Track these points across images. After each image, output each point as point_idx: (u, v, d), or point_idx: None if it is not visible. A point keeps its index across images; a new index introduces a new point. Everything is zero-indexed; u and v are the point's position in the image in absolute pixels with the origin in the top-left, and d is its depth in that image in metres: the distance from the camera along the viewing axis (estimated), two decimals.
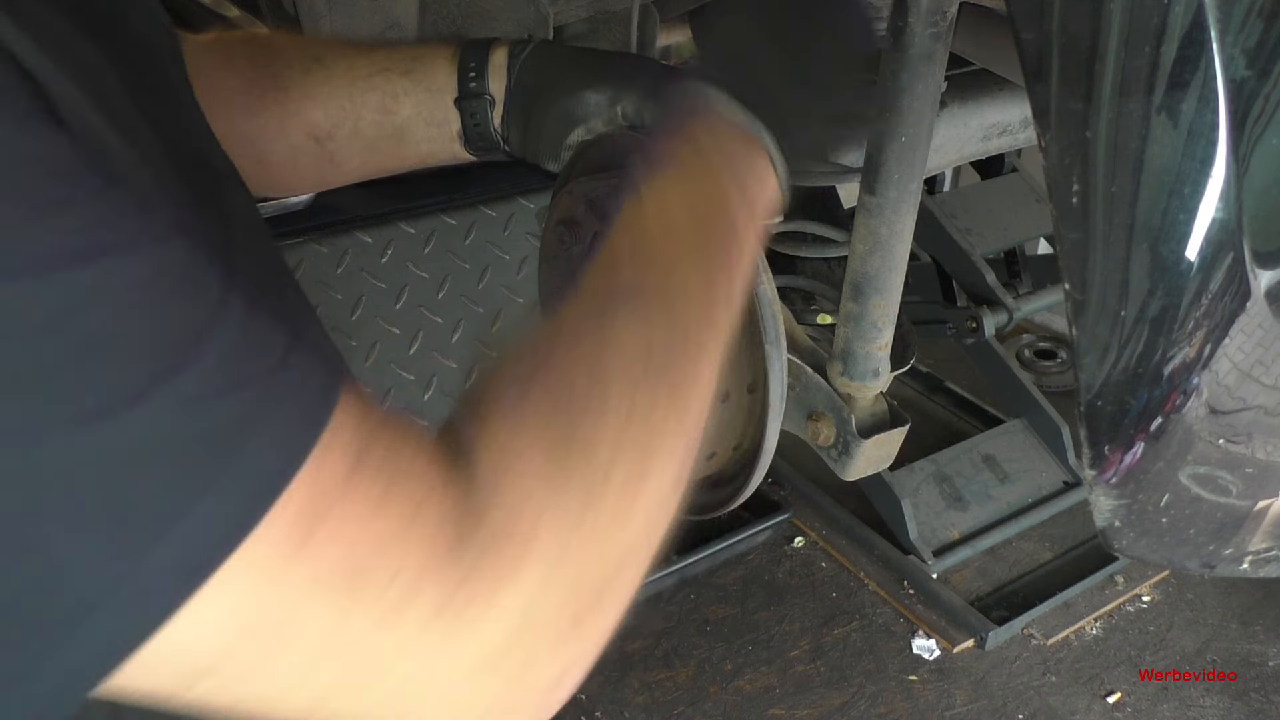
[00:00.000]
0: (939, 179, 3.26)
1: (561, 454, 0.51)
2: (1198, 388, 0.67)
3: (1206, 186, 0.60)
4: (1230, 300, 0.64)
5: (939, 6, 0.77)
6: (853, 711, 2.25)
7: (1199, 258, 0.62)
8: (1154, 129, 0.59)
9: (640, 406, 0.56)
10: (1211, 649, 2.41)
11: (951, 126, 1.14)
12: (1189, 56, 0.57)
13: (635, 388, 0.56)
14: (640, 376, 0.57)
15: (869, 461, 0.94)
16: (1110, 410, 0.68)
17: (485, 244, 1.98)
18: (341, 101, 0.91)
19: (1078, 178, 0.61)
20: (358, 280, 1.87)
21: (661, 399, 0.57)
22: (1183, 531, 0.77)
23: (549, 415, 0.53)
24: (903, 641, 2.43)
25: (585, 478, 0.52)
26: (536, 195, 2.04)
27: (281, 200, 1.91)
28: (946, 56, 0.81)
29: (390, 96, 0.91)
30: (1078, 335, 0.66)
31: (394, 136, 0.93)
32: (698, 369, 0.61)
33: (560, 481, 0.51)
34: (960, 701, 2.28)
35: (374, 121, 0.92)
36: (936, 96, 0.82)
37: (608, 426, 0.54)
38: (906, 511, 2.57)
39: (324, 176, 0.97)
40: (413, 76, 0.91)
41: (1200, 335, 0.65)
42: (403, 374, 1.87)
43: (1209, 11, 0.56)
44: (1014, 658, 2.39)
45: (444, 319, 1.92)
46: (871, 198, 0.86)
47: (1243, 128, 0.59)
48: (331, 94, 0.91)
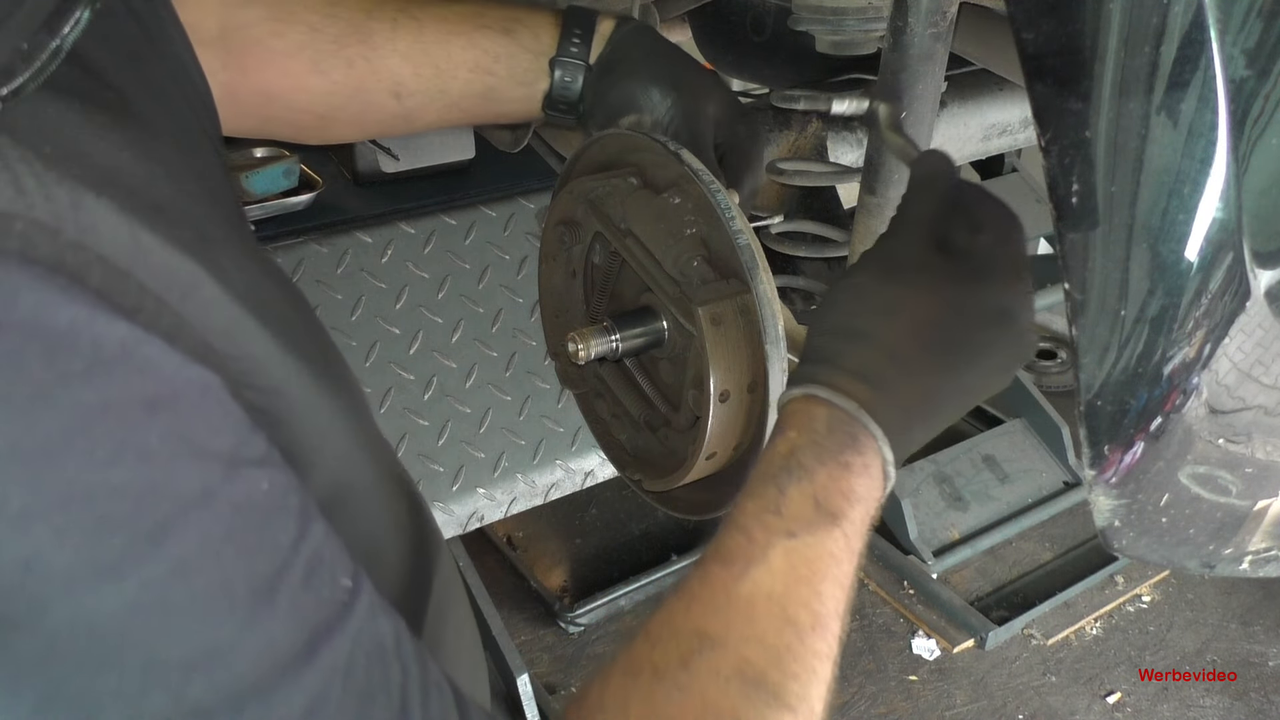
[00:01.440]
0: None
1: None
2: (1198, 387, 0.67)
3: (1206, 186, 0.60)
4: (1230, 300, 0.64)
5: (939, 6, 0.77)
6: (853, 711, 2.25)
7: (1199, 258, 0.62)
8: (1154, 129, 0.59)
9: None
10: (1211, 649, 2.41)
11: (951, 126, 1.14)
12: (1189, 56, 0.57)
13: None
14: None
15: None
16: (1110, 410, 0.67)
17: (485, 244, 1.98)
18: (435, 59, 0.88)
19: (1078, 178, 0.61)
20: (358, 280, 1.87)
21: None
22: (1182, 531, 0.77)
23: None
24: (903, 641, 2.43)
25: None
26: (536, 195, 2.04)
27: (282, 200, 1.91)
28: (946, 56, 0.81)
29: (490, 56, 0.89)
30: (1078, 335, 0.66)
31: (481, 95, 0.91)
32: None
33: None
34: (960, 701, 2.28)
35: (466, 79, 0.89)
36: (936, 96, 0.82)
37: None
38: (906, 511, 2.57)
39: (390, 129, 0.95)
40: (513, 36, 0.89)
41: (1200, 335, 0.65)
42: (403, 374, 1.87)
43: (1209, 11, 0.56)
44: (1014, 658, 2.39)
45: (444, 319, 1.92)
46: (871, 198, 0.86)
47: (1243, 128, 0.59)
48: (425, 50, 0.88)
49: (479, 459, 1.91)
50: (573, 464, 1.99)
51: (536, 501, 1.97)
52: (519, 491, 1.95)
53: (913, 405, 0.66)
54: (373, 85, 0.89)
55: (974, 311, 0.67)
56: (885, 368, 0.65)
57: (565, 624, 2.46)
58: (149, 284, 0.46)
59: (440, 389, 1.90)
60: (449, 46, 0.88)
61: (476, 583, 2.25)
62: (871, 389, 0.64)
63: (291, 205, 1.94)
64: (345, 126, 0.93)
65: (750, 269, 0.76)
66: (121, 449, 0.42)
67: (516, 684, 2.16)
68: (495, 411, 1.93)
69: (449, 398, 1.90)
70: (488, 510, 1.92)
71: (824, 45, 0.99)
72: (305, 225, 1.90)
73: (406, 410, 1.86)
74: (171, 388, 0.45)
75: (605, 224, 0.86)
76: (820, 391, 0.64)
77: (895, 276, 0.67)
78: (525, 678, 2.16)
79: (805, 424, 0.64)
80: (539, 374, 1.98)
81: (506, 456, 1.93)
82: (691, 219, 0.81)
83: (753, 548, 0.60)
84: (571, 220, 0.91)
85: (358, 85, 0.88)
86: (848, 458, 0.63)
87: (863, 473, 0.63)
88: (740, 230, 0.77)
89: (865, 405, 0.63)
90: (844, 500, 0.62)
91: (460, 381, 1.92)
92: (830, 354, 0.66)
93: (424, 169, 2.08)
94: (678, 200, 0.81)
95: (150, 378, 0.44)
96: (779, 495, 0.62)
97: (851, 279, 0.69)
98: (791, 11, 0.97)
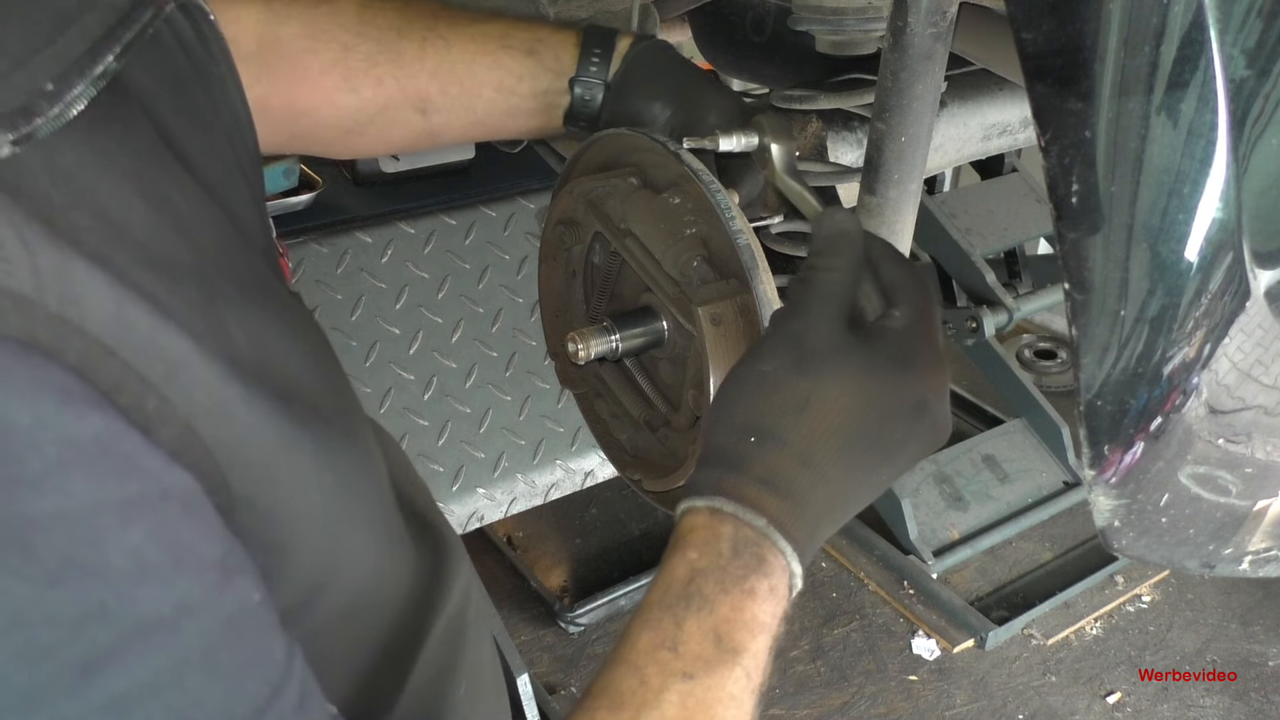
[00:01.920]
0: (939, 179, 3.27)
1: None
2: (1197, 387, 0.67)
3: (1206, 186, 0.60)
4: (1230, 300, 0.64)
5: (939, 6, 0.77)
6: (853, 711, 2.25)
7: (1199, 258, 0.62)
8: (1154, 129, 0.59)
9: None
10: (1211, 649, 2.41)
11: (951, 126, 1.14)
12: (1189, 56, 0.57)
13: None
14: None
15: None
16: (1110, 410, 0.67)
17: (485, 244, 1.98)
18: (461, 78, 0.90)
19: (1078, 178, 0.61)
20: (358, 280, 1.87)
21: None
22: (1182, 531, 0.77)
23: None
24: (903, 641, 2.43)
25: None
26: (536, 195, 2.04)
27: (282, 200, 1.91)
28: (946, 56, 0.81)
29: (514, 76, 0.90)
30: (1078, 335, 0.66)
31: (505, 113, 0.92)
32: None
33: None
34: (960, 701, 2.28)
35: (490, 99, 0.91)
36: (936, 96, 0.82)
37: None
38: (906, 511, 2.57)
39: (415, 145, 0.96)
40: (536, 57, 0.91)
41: (1200, 335, 0.65)
42: (403, 374, 1.87)
43: (1209, 11, 0.56)
44: (1014, 658, 2.39)
45: (444, 319, 1.92)
46: (871, 198, 0.86)
47: (1243, 128, 0.59)
48: (452, 68, 0.89)
49: (479, 459, 1.91)
50: (573, 464, 1.99)
51: (536, 501, 1.97)
52: (519, 491, 1.95)
53: (824, 512, 0.62)
54: (400, 102, 0.90)
55: (890, 407, 0.63)
56: (797, 474, 0.61)
57: (565, 624, 2.46)
58: (133, 361, 0.43)
59: (440, 389, 1.90)
60: (474, 66, 0.90)
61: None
62: (781, 499, 0.60)
63: (291, 205, 1.94)
64: (371, 141, 0.94)
65: (750, 269, 0.76)
66: (65, 564, 0.38)
67: (517, 684, 2.16)
68: (495, 411, 1.94)
69: (449, 398, 1.90)
70: (488, 510, 1.92)
71: (824, 45, 0.99)
72: (305, 225, 1.90)
73: (406, 410, 1.86)
74: (156, 489, 0.42)
75: (605, 224, 0.86)
76: (726, 505, 0.60)
77: (806, 368, 0.63)
78: (525, 678, 2.16)
79: (708, 544, 0.59)
80: (539, 374, 1.98)
81: (506, 456, 1.93)
82: (691, 219, 0.81)
83: (646, 692, 0.55)
84: (571, 220, 0.91)
85: (385, 102, 0.89)
86: (753, 583, 0.59)
87: (768, 598, 0.59)
88: (740, 230, 0.77)
89: (775, 521, 0.59)
90: (747, 633, 0.58)
91: (460, 381, 1.92)
92: (736, 458, 0.62)
93: (424, 169, 2.08)
94: (678, 200, 0.81)
95: (129, 479, 0.41)
96: (676, 629, 0.57)
97: (758, 366, 0.64)
98: (791, 11, 0.97)
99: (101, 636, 0.39)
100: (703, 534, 0.60)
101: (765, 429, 0.62)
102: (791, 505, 0.60)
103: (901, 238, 0.87)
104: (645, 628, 0.58)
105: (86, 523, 0.39)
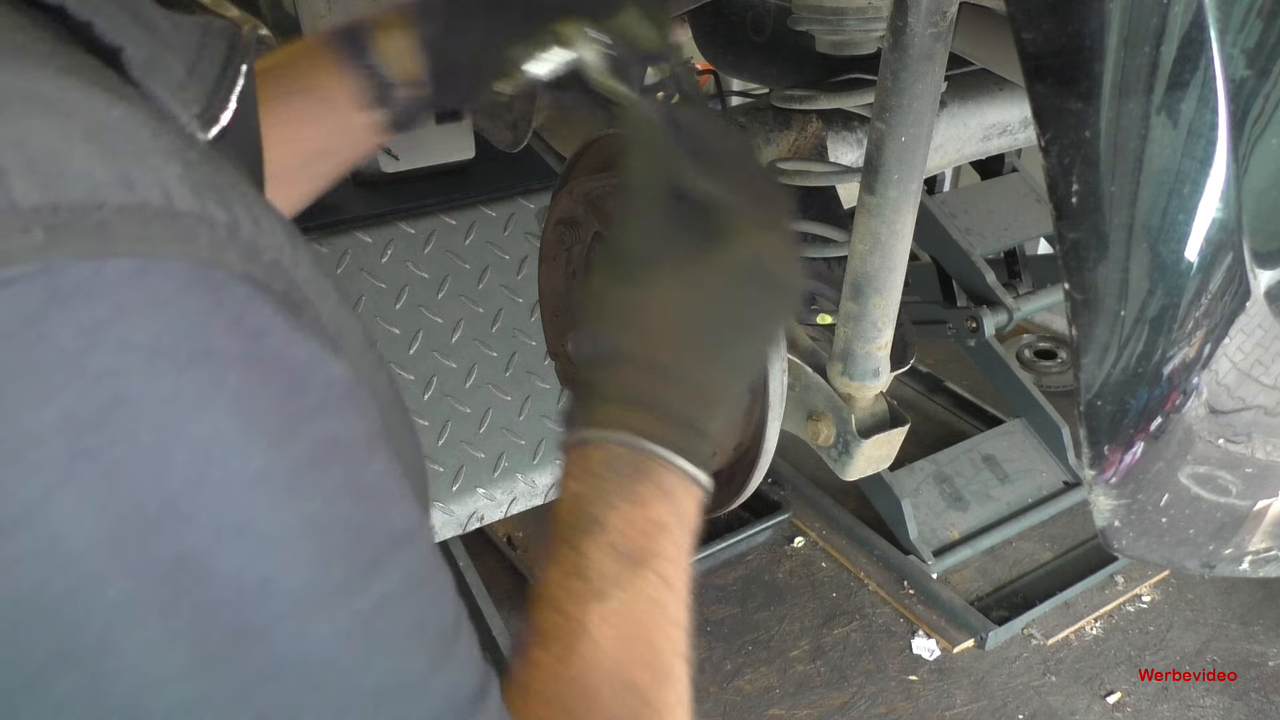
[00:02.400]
0: (939, 179, 3.27)
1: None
2: (1197, 387, 0.67)
3: (1206, 186, 0.60)
4: (1230, 300, 0.64)
5: (939, 6, 0.77)
6: (853, 711, 2.25)
7: (1199, 258, 0.62)
8: (1154, 129, 0.59)
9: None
10: (1211, 649, 2.41)
11: (951, 126, 1.14)
12: (1189, 56, 0.57)
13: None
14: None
15: (869, 461, 0.94)
16: (1110, 410, 0.67)
17: (485, 244, 1.98)
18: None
19: (1078, 178, 0.61)
20: (358, 280, 1.87)
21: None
22: (1182, 531, 0.77)
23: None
24: (903, 641, 2.43)
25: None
26: (536, 195, 2.04)
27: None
28: (946, 56, 0.81)
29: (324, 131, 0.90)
30: (1078, 335, 0.66)
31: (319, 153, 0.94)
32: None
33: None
34: (960, 701, 2.28)
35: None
36: (936, 96, 0.82)
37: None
38: (906, 511, 2.57)
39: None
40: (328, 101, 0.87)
41: (1200, 335, 0.65)
42: (402, 374, 1.87)
43: (1209, 11, 0.56)
44: (1014, 658, 2.39)
45: (444, 319, 1.92)
46: (871, 198, 0.86)
47: (1243, 128, 0.59)
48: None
49: (479, 459, 1.91)
50: None
51: (536, 501, 1.97)
52: (519, 491, 1.95)
53: (694, 402, 0.62)
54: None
55: (718, 283, 0.63)
56: (649, 384, 0.62)
57: None
58: (326, 321, 0.48)
59: (440, 389, 1.90)
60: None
61: (476, 582, 2.25)
62: (642, 411, 0.61)
63: None
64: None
65: None
66: (346, 484, 0.44)
67: None
68: (495, 411, 1.94)
69: (449, 398, 1.90)
70: (488, 510, 1.92)
71: (824, 45, 0.99)
72: (305, 225, 1.89)
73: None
74: (378, 426, 0.47)
75: (605, 224, 0.86)
76: (588, 434, 0.61)
77: (627, 275, 0.63)
78: None
79: (584, 473, 0.61)
80: (539, 374, 1.98)
81: (506, 456, 1.93)
82: None
83: (569, 624, 0.57)
84: (571, 220, 0.91)
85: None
86: (637, 490, 0.60)
87: (661, 499, 0.60)
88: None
89: (640, 431, 0.60)
90: (645, 539, 0.59)
91: (460, 381, 1.92)
92: (587, 389, 0.63)
93: (424, 169, 2.08)
94: None
95: (368, 419, 0.46)
96: (578, 557, 0.58)
97: (590, 290, 0.65)
98: (791, 11, 0.97)
99: (374, 545, 0.44)
100: (577, 465, 0.62)
101: (607, 350, 0.63)
102: (654, 412, 0.61)
103: (901, 238, 0.87)
104: (551, 564, 0.60)
105: (355, 448, 0.45)
